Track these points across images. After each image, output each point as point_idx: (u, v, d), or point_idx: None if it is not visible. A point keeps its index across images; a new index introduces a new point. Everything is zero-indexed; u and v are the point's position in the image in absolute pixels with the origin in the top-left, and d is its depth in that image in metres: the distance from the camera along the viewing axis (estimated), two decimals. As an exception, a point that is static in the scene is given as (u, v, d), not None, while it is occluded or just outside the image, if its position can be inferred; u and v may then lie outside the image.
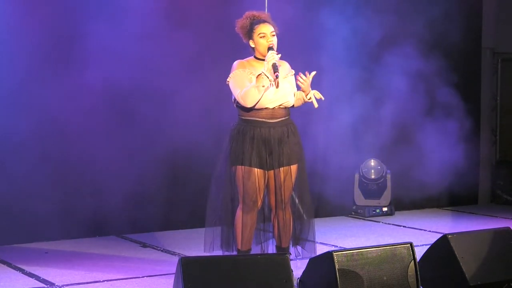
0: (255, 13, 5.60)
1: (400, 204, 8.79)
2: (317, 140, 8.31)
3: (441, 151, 8.88)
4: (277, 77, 5.30)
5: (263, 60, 5.45)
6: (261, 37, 5.49)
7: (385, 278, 4.79)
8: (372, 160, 8.61)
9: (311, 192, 8.12)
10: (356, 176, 8.58)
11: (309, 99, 5.50)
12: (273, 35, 5.51)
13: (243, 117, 5.53)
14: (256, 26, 5.51)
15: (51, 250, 6.74)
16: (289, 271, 4.59)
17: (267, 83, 5.36)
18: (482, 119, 9.51)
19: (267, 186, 5.55)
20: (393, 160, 8.62)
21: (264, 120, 5.47)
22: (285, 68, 5.61)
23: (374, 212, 8.47)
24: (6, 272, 5.97)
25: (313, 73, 5.51)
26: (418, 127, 8.71)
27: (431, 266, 5.17)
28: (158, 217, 7.54)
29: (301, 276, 5.05)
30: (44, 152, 6.94)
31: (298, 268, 5.26)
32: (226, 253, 5.56)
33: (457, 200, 9.27)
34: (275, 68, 5.32)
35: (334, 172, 8.42)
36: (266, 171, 5.49)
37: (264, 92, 5.37)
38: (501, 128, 9.60)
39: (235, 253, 5.56)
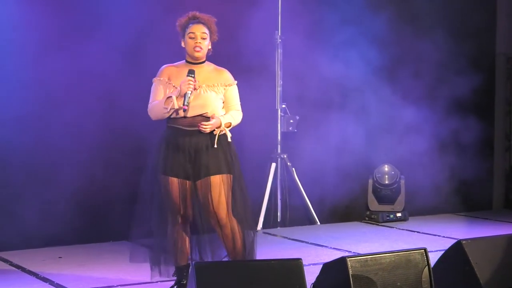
0: (197, 13, 5.23)
1: (414, 210, 8.76)
2: (331, 145, 8.30)
3: (455, 156, 8.85)
4: (184, 110, 5.04)
5: (193, 63, 5.17)
6: (190, 37, 5.13)
7: (399, 284, 4.77)
8: (386, 166, 8.58)
9: (324, 197, 8.19)
10: (370, 181, 8.56)
11: (220, 132, 5.13)
12: (204, 38, 5.14)
13: (167, 124, 5.21)
14: (190, 25, 5.16)
15: (65, 255, 6.75)
16: (302, 276, 4.58)
17: (175, 106, 5.05)
18: (496, 125, 9.48)
19: (196, 198, 5.19)
20: (407, 166, 8.60)
21: (181, 127, 5.12)
22: (218, 77, 5.22)
23: (388, 218, 8.44)
24: (21, 277, 5.98)
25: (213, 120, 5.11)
26: (432, 133, 8.69)
27: (445, 272, 5.15)
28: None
29: (314, 281, 5.04)
30: (55, 158, 6.96)
31: (311, 273, 5.24)
32: (156, 270, 5.32)
33: (471, 205, 9.23)
34: (185, 98, 5.03)
35: (348, 178, 8.40)
36: (189, 181, 5.14)
37: (169, 114, 5.08)
38: (515, 134, 9.55)
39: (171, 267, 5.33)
